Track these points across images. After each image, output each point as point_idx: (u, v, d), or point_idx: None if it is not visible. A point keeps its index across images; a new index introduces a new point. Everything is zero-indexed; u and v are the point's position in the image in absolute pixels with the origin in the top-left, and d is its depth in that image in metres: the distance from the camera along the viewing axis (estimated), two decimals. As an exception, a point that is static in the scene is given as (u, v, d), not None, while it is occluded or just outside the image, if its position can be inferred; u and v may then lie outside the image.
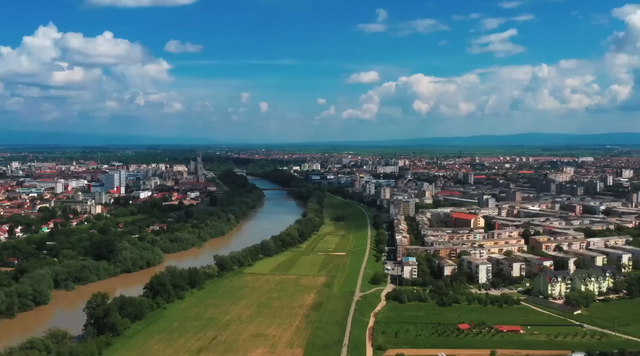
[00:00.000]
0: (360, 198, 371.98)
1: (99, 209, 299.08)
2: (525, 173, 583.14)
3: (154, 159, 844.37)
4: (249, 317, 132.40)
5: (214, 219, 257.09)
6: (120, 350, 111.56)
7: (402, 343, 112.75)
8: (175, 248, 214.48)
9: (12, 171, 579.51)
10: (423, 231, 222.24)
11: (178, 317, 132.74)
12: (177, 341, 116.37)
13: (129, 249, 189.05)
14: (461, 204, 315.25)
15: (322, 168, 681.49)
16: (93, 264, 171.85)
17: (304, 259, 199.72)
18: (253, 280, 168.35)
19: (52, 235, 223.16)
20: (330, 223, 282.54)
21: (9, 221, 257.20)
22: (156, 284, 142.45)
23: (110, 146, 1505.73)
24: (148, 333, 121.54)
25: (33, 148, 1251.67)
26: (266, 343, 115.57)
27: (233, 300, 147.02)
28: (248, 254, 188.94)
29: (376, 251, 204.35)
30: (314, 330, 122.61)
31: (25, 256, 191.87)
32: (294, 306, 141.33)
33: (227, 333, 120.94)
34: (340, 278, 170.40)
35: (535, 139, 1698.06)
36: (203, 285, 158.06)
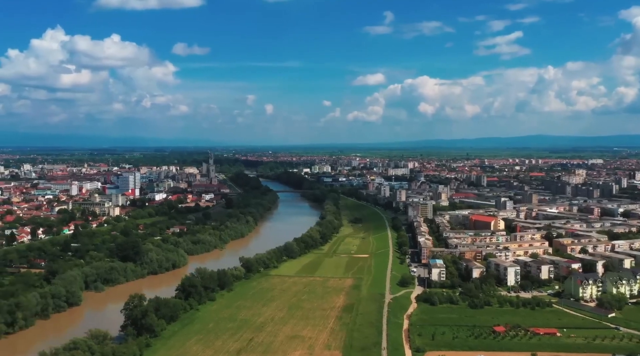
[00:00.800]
0: (375, 200, 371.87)
1: (117, 211, 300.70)
2: (536, 175, 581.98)
3: (162, 161, 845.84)
4: (282, 319, 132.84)
5: (234, 222, 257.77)
6: (159, 351, 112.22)
7: (440, 346, 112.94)
8: (197, 250, 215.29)
9: (25, 173, 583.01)
10: (445, 233, 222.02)
11: (212, 319, 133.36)
12: (214, 343, 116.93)
13: (154, 251, 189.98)
14: (478, 207, 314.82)
15: (333, 170, 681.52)
16: (121, 265, 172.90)
17: (328, 261, 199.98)
18: (280, 282, 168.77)
19: (75, 237, 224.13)
20: (348, 225, 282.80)
21: (30, 223, 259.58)
22: (188, 286, 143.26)
23: (117, 148, 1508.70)
24: (185, 335, 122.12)
25: (40, 150, 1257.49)
26: (303, 344, 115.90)
27: (264, 301, 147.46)
28: (273, 256, 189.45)
29: (400, 253, 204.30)
30: (349, 332, 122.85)
31: (51, 257, 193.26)
32: (325, 308, 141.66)
33: (263, 335, 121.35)
34: (367, 280, 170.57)
35: (541, 141, 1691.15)
36: (232, 287, 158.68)
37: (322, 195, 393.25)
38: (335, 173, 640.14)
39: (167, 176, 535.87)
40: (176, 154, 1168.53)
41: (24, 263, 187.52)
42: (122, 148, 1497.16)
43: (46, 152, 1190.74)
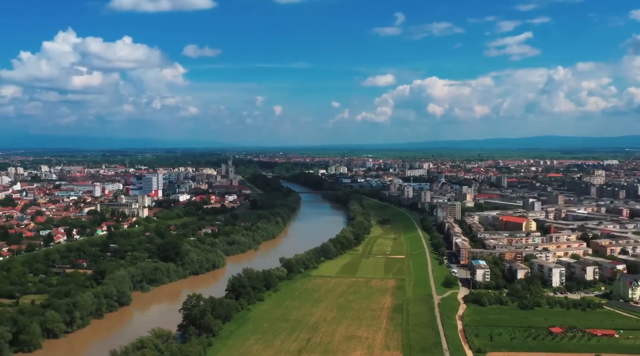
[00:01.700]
0: (399, 201, 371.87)
1: (146, 212, 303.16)
2: (554, 176, 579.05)
3: (176, 163, 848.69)
4: (334, 319, 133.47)
5: (264, 222, 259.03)
6: (221, 351, 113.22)
7: (499, 346, 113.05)
8: (233, 250, 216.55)
9: (45, 174, 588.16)
10: (479, 234, 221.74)
11: (264, 319, 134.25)
12: (273, 343, 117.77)
13: (194, 251, 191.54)
14: (504, 208, 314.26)
15: (349, 172, 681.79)
16: (164, 266, 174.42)
17: (365, 262, 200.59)
18: (324, 283, 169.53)
19: (110, 237, 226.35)
20: (377, 225, 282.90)
21: (62, 224, 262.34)
22: (238, 286, 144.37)
23: (129, 149, 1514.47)
24: (242, 334, 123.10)
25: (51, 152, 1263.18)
26: (361, 345, 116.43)
27: (312, 302, 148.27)
28: (312, 257, 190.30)
29: (438, 254, 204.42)
30: (404, 332, 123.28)
31: (92, 258, 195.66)
32: (375, 309, 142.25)
33: (319, 335, 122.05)
34: (409, 281, 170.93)
35: (551, 142, 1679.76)
36: (277, 287, 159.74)
37: (344, 196, 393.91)
38: (352, 174, 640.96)
39: (186, 177, 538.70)
40: (188, 155, 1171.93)
41: (66, 263, 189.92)
42: (133, 150, 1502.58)
43: (57, 153, 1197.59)
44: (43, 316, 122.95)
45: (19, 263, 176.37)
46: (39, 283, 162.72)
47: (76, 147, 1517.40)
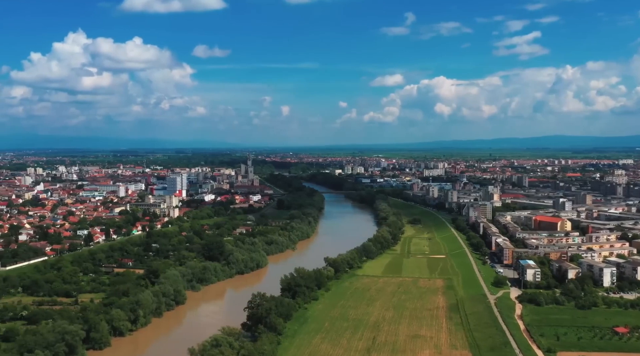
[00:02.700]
0: (424, 200, 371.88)
1: (177, 212, 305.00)
2: (575, 176, 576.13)
3: (188, 163, 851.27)
4: (392, 318, 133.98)
5: (298, 222, 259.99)
6: (290, 349, 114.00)
7: (568, 346, 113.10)
8: (272, 250, 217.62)
9: (65, 174, 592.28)
10: (518, 234, 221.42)
11: (324, 318, 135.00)
12: (339, 342, 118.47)
13: (238, 251, 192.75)
14: (533, 207, 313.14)
15: (365, 172, 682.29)
16: (212, 265, 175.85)
17: (407, 262, 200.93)
18: (372, 282, 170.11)
19: (149, 237, 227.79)
20: (408, 225, 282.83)
21: (96, 224, 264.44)
22: (294, 286, 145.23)
23: (139, 149, 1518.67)
24: (306, 333, 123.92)
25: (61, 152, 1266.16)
26: (427, 344, 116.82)
27: (366, 301, 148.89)
28: (355, 257, 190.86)
29: (479, 254, 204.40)
30: (467, 332, 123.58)
31: (137, 257, 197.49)
32: (430, 308, 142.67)
33: (383, 334, 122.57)
34: (457, 280, 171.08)
35: (560, 142, 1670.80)
36: (328, 286, 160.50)
37: (368, 196, 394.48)
38: (369, 174, 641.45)
39: (206, 178, 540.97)
40: (199, 155, 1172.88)
41: (112, 262, 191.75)
42: (143, 150, 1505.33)
43: (68, 153, 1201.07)
44: (109, 314, 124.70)
45: (68, 262, 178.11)
46: (91, 282, 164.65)
47: (84, 147, 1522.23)
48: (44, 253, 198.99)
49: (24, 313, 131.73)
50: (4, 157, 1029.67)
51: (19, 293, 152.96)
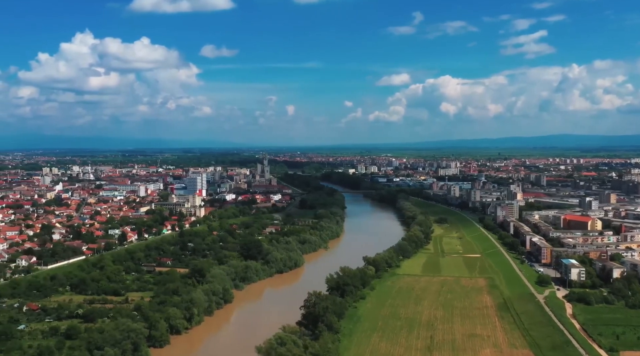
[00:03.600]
0: (445, 199, 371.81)
1: (203, 212, 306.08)
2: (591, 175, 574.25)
3: (199, 163, 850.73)
4: (444, 317, 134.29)
5: (327, 222, 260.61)
6: (351, 348, 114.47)
7: (630, 346, 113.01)
8: (305, 249, 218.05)
9: (82, 174, 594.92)
10: (551, 233, 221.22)
11: (376, 316, 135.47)
12: (397, 340, 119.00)
13: (275, 250, 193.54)
14: (558, 207, 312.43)
15: (379, 171, 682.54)
16: (253, 265, 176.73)
17: (444, 261, 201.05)
18: (414, 281, 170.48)
19: (181, 236, 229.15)
20: (435, 224, 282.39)
21: (124, 223, 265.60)
22: (342, 284, 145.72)
23: (146, 149, 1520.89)
24: (362, 332, 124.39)
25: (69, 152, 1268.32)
26: (486, 343, 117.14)
27: (413, 300, 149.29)
28: (393, 256, 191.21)
29: (516, 253, 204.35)
30: (523, 331, 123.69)
31: (174, 256, 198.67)
32: (479, 307, 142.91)
33: (439, 333, 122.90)
34: (498, 279, 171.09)
35: (566, 141, 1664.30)
36: (372, 285, 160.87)
37: (388, 195, 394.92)
38: (383, 173, 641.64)
39: (222, 177, 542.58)
40: (209, 155, 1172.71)
41: (151, 261, 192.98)
42: (151, 150, 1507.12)
43: (74, 153, 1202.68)
44: (166, 312, 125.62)
45: (109, 261, 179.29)
46: (136, 281, 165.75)
47: (91, 147, 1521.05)
48: (82, 252, 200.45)
49: (80, 311, 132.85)
50: (14, 157, 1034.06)
51: (67, 292, 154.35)
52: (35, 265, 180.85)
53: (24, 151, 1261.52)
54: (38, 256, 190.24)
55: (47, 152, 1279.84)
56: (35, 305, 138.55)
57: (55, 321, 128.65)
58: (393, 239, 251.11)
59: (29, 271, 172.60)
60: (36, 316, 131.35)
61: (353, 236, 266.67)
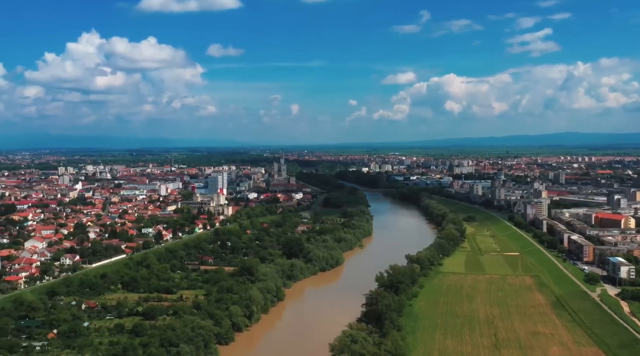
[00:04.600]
0: (468, 198, 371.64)
1: (231, 210, 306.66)
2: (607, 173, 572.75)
3: (207, 162, 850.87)
4: (501, 315, 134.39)
5: (358, 220, 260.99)
6: (419, 346, 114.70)
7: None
8: (342, 247, 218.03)
9: (98, 174, 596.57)
10: (588, 231, 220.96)
11: (432, 314, 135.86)
12: (462, 338, 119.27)
13: (316, 249, 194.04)
14: (584, 205, 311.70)
15: (393, 169, 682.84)
16: (298, 263, 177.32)
17: (484, 259, 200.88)
18: (460, 279, 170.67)
19: (216, 234, 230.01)
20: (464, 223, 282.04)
21: (154, 222, 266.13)
22: (396, 282, 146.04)
23: (153, 148, 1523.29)
24: (424, 329, 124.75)
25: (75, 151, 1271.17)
26: (552, 341, 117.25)
27: (465, 298, 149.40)
28: (434, 254, 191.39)
29: (556, 251, 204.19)
30: (586, 329, 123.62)
31: (215, 254, 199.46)
32: (534, 305, 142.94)
33: (502, 331, 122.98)
34: (545, 278, 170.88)
35: (571, 139, 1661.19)
36: (420, 283, 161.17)
37: (410, 194, 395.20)
38: (397, 172, 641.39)
39: (238, 176, 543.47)
40: (216, 154, 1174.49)
41: (192, 259, 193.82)
42: (158, 149, 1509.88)
43: (81, 153, 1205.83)
44: (227, 310, 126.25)
45: (154, 259, 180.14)
46: (184, 279, 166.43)
47: (96, 146, 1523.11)
48: (122, 251, 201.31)
49: (139, 308, 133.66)
50: (23, 156, 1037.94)
51: (119, 290, 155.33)
52: (80, 263, 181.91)
53: (30, 150, 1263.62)
54: (80, 255, 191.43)
55: (54, 151, 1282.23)
56: (94, 303, 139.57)
57: (115, 318, 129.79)
58: (424, 237, 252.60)
59: (75, 270, 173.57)
60: (97, 314, 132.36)
61: (383, 234, 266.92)
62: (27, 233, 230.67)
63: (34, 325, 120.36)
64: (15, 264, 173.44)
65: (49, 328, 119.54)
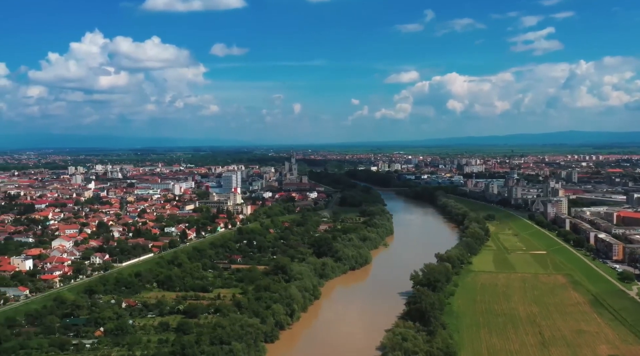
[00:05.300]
0: (483, 196, 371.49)
1: (249, 210, 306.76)
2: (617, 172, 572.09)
3: (213, 161, 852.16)
4: (542, 314, 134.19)
5: (379, 219, 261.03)
6: (466, 345, 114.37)
7: None
8: (367, 246, 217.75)
9: (110, 173, 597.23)
10: (614, 230, 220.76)
11: (473, 312, 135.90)
12: (507, 336, 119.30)
13: (346, 247, 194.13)
14: (602, 203, 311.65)
15: (402, 168, 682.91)
16: (329, 262, 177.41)
17: (511, 258, 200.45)
18: (492, 278, 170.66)
19: (240, 234, 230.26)
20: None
21: (175, 222, 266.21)
22: (433, 281, 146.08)
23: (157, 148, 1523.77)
24: (468, 328, 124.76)
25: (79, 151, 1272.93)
26: (598, 339, 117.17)
27: (502, 296, 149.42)
28: (463, 252, 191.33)
29: (584, 249, 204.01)
30: (629, 327, 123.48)
31: (243, 253, 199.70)
32: (572, 304, 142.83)
33: (546, 329, 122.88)
34: (577, 276, 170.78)
35: (574, 137, 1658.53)
36: (455, 282, 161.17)
37: (424, 192, 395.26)
38: (406, 171, 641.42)
39: (249, 175, 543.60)
40: (222, 154, 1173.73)
41: (221, 258, 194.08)
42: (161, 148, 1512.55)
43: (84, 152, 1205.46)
44: (269, 309, 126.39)
45: (185, 258, 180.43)
46: (217, 277, 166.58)
47: (98, 146, 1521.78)
48: (150, 250, 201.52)
49: (180, 307, 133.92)
50: (28, 156, 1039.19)
51: (155, 288, 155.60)
52: (110, 262, 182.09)
53: (33, 150, 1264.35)
54: (109, 254, 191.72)
55: (58, 151, 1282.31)
56: (133, 301, 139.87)
57: (157, 316, 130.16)
58: (445, 236, 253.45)
59: (106, 269, 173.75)
60: (138, 312, 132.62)
61: (405, 232, 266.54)
62: (51, 232, 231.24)
63: (80, 323, 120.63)
64: (47, 264, 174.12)
65: (95, 326, 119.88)
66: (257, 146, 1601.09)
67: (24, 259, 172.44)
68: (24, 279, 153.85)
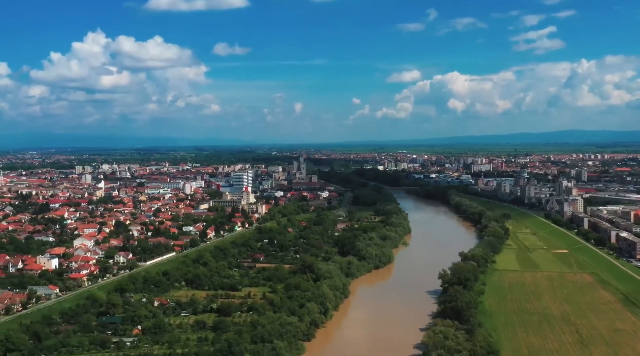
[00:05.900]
0: (496, 195, 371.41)
1: (264, 209, 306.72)
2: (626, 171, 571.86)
3: (217, 160, 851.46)
4: (575, 312, 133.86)
5: (397, 217, 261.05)
6: (504, 343, 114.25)
7: None
8: (388, 245, 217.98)
9: (118, 172, 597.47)
10: (635, 228, 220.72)
11: (506, 311, 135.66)
12: (545, 335, 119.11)
13: (369, 246, 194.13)
14: (616, 202, 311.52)
15: (409, 167, 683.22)
16: (354, 261, 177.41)
17: (534, 257, 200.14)
18: (518, 276, 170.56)
19: (259, 232, 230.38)
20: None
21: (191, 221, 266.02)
22: (464, 280, 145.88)
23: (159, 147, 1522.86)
24: (503, 326, 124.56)
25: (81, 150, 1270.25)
26: (635, 338, 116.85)
27: (532, 295, 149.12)
28: (487, 251, 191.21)
29: (606, 248, 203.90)
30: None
31: (266, 252, 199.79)
32: (604, 302, 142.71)
33: (582, 328, 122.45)
34: (604, 274, 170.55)
35: (576, 136, 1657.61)
36: (482, 280, 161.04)
37: (436, 191, 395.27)
38: (414, 170, 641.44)
39: (258, 175, 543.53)
40: (225, 153, 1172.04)
41: (245, 257, 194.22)
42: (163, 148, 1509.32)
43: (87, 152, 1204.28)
44: (304, 307, 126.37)
45: (209, 257, 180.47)
46: (244, 276, 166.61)
47: (100, 145, 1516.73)
48: (172, 249, 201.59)
49: (214, 305, 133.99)
50: (32, 156, 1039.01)
51: (183, 287, 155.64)
52: (134, 261, 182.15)
53: (36, 149, 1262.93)
54: (132, 253, 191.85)
55: (60, 150, 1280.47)
56: (166, 300, 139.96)
57: (191, 315, 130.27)
58: (462, 235, 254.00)
59: (131, 267, 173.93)
60: (172, 311, 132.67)
61: (422, 231, 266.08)
62: (70, 231, 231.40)
63: (117, 321, 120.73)
64: (73, 262, 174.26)
65: (131, 324, 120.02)
66: (258, 145, 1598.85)
67: (49, 259, 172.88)
68: (52, 278, 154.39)
